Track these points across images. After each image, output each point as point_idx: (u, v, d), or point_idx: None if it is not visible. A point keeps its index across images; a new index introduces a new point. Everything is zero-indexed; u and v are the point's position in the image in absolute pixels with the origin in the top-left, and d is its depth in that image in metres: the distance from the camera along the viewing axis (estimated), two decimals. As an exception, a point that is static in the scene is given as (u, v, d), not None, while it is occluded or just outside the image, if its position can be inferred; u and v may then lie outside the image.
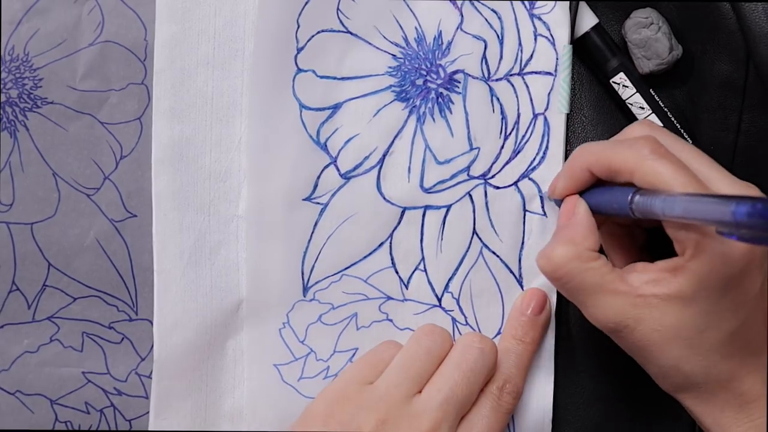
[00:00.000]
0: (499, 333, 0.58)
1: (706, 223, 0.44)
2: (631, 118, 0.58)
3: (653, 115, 0.57)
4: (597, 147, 0.52)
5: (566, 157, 0.58)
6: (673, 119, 0.58)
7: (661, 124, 0.57)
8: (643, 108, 0.57)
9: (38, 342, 0.60)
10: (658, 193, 0.47)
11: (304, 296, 0.58)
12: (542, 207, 0.58)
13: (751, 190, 0.49)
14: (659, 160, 0.48)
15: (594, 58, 0.58)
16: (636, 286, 0.49)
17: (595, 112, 0.59)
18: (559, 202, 0.55)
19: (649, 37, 0.57)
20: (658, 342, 0.49)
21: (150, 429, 0.59)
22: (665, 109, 0.58)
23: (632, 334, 0.49)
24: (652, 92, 0.58)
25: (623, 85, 0.58)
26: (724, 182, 0.49)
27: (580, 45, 0.58)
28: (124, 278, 0.60)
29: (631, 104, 0.58)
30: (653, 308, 0.48)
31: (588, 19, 0.58)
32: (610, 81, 0.58)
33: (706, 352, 0.48)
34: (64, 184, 0.59)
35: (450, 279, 0.58)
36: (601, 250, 0.52)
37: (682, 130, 0.58)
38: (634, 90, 0.57)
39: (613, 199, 0.50)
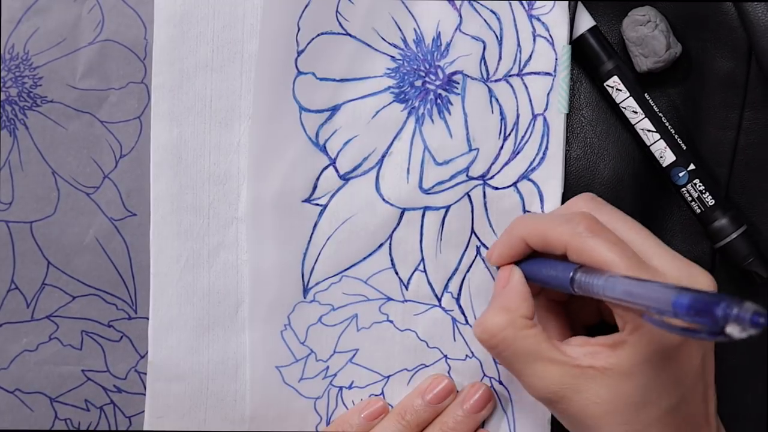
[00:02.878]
0: (498, 332, 0.58)
1: (644, 307, 0.43)
2: (625, 120, 0.58)
3: (646, 119, 0.57)
4: (534, 218, 0.53)
5: (566, 158, 0.58)
6: (666, 123, 0.57)
7: (654, 129, 0.57)
8: (636, 112, 0.57)
9: (37, 340, 0.60)
10: (600, 273, 0.47)
11: (305, 298, 0.58)
12: (542, 208, 0.58)
13: (693, 269, 0.49)
14: (593, 238, 0.48)
15: (589, 61, 0.58)
16: (574, 356, 0.48)
17: (594, 113, 0.59)
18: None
19: (646, 34, 0.57)
20: (596, 415, 0.48)
21: (146, 428, 0.59)
22: (659, 114, 0.57)
23: (570, 406, 0.48)
24: (646, 96, 0.58)
25: (617, 89, 0.58)
26: (664, 258, 0.49)
27: (576, 47, 0.58)
28: (124, 277, 0.60)
29: (625, 108, 0.58)
30: (591, 379, 0.48)
31: (584, 21, 0.58)
32: (604, 84, 0.58)
33: (644, 428, 0.48)
34: (63, 182, 0.59)
35: (449, 279, 0.58)
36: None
37: (676, 136, 0.57)
38: (628, 94, 0.57)
39: (555, 274, 0.50)
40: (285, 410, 0.59)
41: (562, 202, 0.57)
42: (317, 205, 0.58)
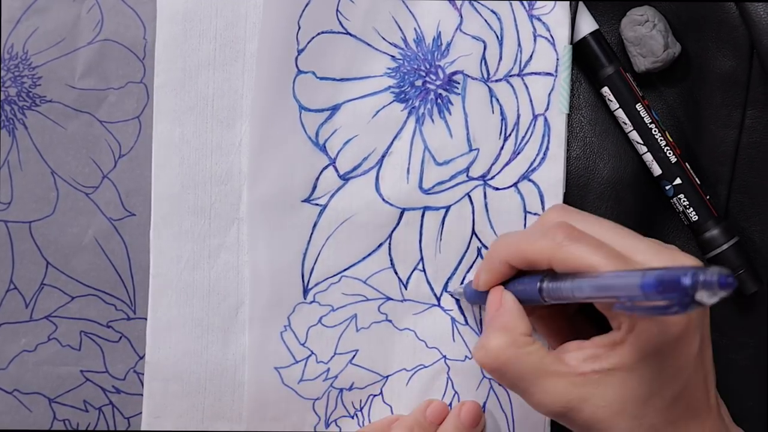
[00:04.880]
0: (498, 333, 0.58)
1: (615, 298, 0.43)
2: (619, 124, 0.58)
3: (634, 131, 0.57)
4: (512, 238, 0.52)
5: (566, 158, 0.58)
6: (656, 135, 0.57)
7: (641, 141, 0.57)
8: (625, 123, 0.57)
9: (36, 341, 0.60)
10: (565, 277, 0.47)
11: (305, 298, 0.58)
12: (542, 208, 0.58)
13: (677, 255, 0.48)
14: (575, 244, 0.48)
15: (589, 64, 0.58)
16: (574, 365, 0.48)
17: (593, 113, 0.59)
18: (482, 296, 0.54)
19: (644, 34, 0.57)
20: (605, 418, 0.48)
21: (143, 428, 0.59)
22: (650, 126, 0.57)
23: (579, 415, 0.48)
24: (638, 107, 0.57)
25: (608, 99, 0.58)
26: (646, 251, 0.48)
27: (577, 49, 0.58)
28: (123, 277, 0.60)
29: (617, 117, 0.58)
30: (596, 385, 0.47)
31: (587, 24, 0.58)
32: (600, 91, 0.58)
33: (652, 420, 0.48)
34: (62, 182, 0.59)
35: (449, 279, 0.58)
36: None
37: (666, 149, 0.57)
38: (617, 105, 0.57)
39: (522, 288, 0.50)
40: (283, 411, 0.59)
41: (564, 202, 0.57)
42: (317, 204, 0.58)
